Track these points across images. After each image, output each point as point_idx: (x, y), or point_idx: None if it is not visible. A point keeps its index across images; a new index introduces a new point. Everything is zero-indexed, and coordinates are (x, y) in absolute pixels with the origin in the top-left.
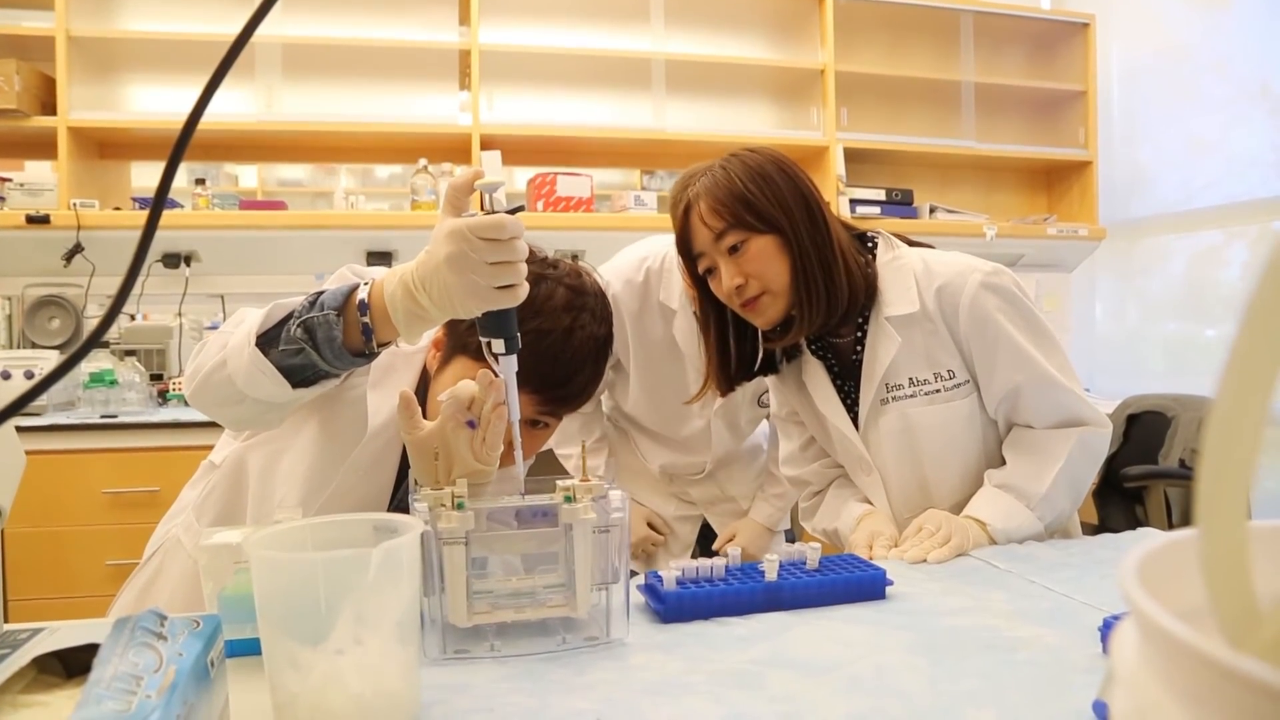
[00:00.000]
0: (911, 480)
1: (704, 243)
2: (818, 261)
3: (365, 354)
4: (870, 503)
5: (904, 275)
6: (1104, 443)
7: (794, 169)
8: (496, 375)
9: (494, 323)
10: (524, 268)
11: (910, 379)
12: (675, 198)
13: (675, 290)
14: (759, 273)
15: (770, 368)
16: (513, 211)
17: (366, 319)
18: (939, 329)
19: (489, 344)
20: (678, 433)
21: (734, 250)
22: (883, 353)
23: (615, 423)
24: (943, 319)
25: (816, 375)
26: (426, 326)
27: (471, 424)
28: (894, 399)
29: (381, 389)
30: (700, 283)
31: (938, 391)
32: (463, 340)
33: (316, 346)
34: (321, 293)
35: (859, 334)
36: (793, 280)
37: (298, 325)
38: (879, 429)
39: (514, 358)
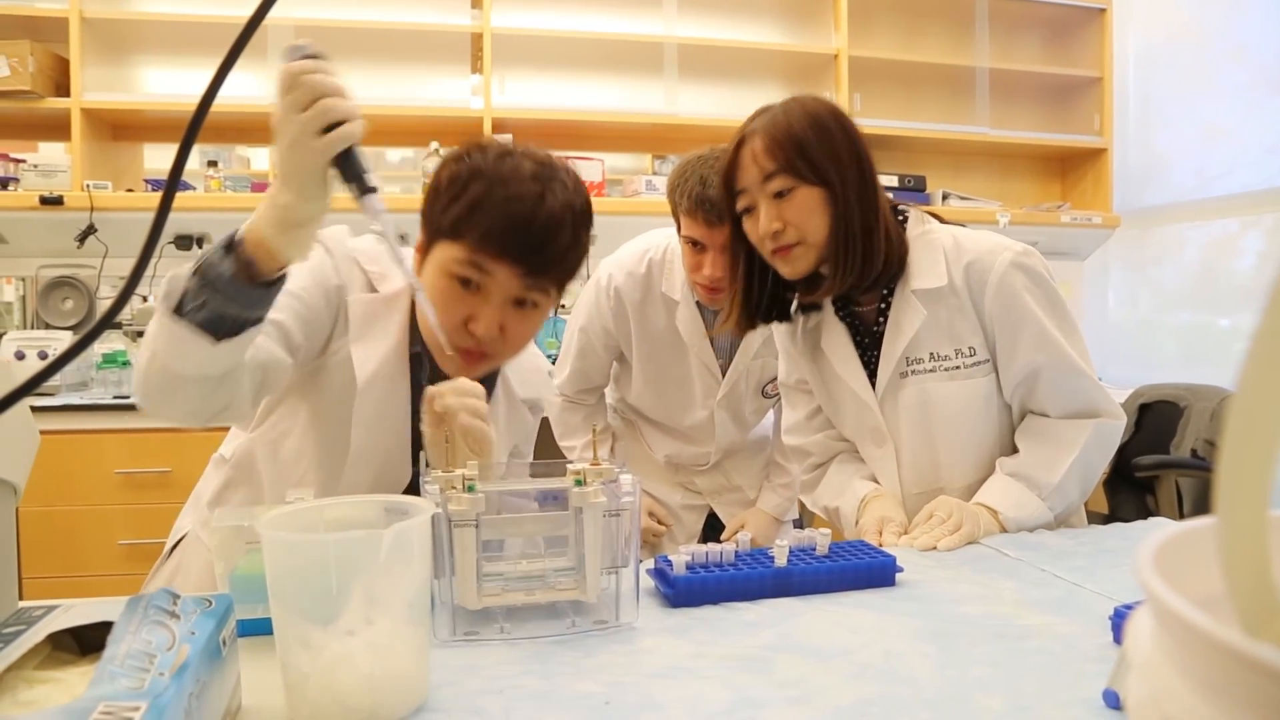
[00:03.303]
0: (924, 456)
1: (750, 180)
2: (861, 223)
3: (264, 284)
4: (877, 481)
5: (934, 250)
6: (1118, 434)
7: (851, 126)
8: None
9: (344, 170)
10: (338, 103)
11: (931, 354)
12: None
13: (677, 281)
14: (799, 223)
15: (786, 315)
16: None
17: (243, 251)
18: (965, 305)
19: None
20: (681, 423)
21: (779, 195)
22: (907, 325)
23: (621, 414)
24: (969, 295)
25: (839, 340)
26: (297, 228)
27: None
28: (914, 372)
29: (365, 341)
30: (735, 219)
31: (958, 368)
32: (435, 223)
33: (216, 289)
34: None
35: (883, 305)
36: (830, 236)
37: (191, 278)
38: (896, 402)
39: (376, 198)
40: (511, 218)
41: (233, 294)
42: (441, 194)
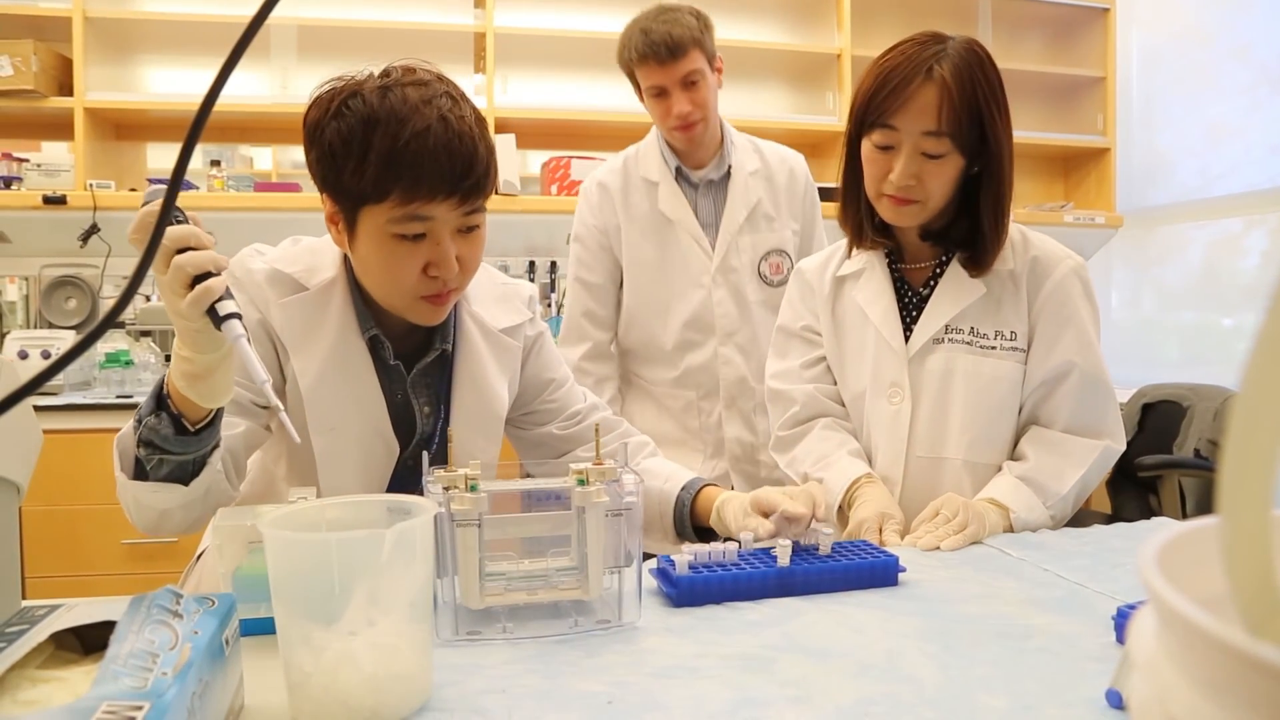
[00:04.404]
0: (937, 421)
1: (910, 125)
2: (999, 199)
3: (206, 425)
4: (867, 459)
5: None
6: (1115, 459)
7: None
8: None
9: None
10: (191, 257)
11: (972, 328)
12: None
13: (654, 165)
14: (933, 187)
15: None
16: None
17: (172, 407)
18: (1020, 292)
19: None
20: (683, 314)
21: (930, 155)
22: (960, 295)
23: (628, 379)
24: (1027, 285)
25: (882, 291)
26: (202, 380)
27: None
28: (950, 341)
29: (303, 347)
30: (856, 136)
31: (994, 348)
32: (349, 189)
33: (165, 451)
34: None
35: (937, 270)
36: (951, 208)
37: (140, 447)
38: (923, 365)
39: (236, 324)
40: (430, 156)
41: (181, 447)
42: (340, 156)
